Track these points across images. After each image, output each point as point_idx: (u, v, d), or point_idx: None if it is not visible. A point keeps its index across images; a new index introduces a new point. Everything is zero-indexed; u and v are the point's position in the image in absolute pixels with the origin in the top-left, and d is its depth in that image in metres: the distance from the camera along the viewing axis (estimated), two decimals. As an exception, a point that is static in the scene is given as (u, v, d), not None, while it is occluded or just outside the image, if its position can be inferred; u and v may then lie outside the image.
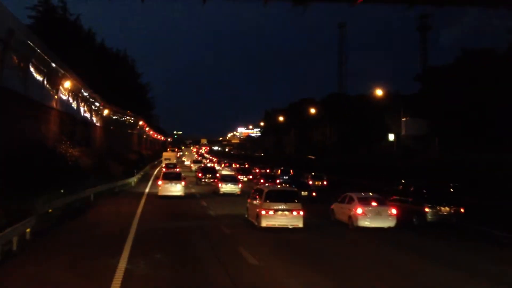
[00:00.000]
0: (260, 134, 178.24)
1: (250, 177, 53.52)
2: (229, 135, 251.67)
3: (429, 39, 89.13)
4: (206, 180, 45.34)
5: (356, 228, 20.93)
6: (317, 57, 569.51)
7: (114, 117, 65.12)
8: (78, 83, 40.26)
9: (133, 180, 42.65)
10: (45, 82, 31.19)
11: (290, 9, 21.12)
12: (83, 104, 45.56)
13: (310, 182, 40.35)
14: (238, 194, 34.69)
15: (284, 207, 20.07)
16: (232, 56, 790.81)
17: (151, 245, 16.04)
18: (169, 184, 32.17)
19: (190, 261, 14.09)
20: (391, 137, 47.47)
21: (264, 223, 19.92)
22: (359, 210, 20.90)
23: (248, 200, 23.10)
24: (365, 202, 21.36)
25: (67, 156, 32.28)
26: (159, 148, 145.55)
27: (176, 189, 32.02)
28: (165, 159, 72.38)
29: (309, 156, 67.66)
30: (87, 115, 48.19)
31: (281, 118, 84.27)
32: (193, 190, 39.03)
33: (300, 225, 20.07)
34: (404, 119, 42.11)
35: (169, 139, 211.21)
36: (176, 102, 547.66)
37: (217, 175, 45.30)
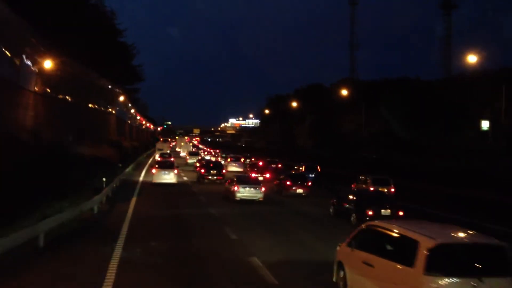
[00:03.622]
0: (254, 125, 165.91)
1: (268, 175, 41.37)
2: (222, 125, 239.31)
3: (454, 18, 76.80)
4: (210, 177, 36.96)
5: None
6: (320, 43, 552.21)
7: (66, 76, 37.08)
8: None
9: (98, 201, 21.16)
10: None
11: None
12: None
13: (372, 189, 27.26)
14: (260, 201, 26.28)
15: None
16: (228, 44, 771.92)
17: None
18: (162, 172, 33.47)
19: None
20: (485, 125, 33.71)
21: None
22: None
23: (343, 247, 10.11)
24: None
25: None
26: (148, 139, 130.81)
27: (169, 177, 33.30)
28: (159, 149, 70.01)
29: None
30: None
31: (294, 104, 70.63)
32: (195, 190, 31.99)
33: None
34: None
35: (159, 129, 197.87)
36: (165, 91, 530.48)
37: (223, 171, 39.00)
